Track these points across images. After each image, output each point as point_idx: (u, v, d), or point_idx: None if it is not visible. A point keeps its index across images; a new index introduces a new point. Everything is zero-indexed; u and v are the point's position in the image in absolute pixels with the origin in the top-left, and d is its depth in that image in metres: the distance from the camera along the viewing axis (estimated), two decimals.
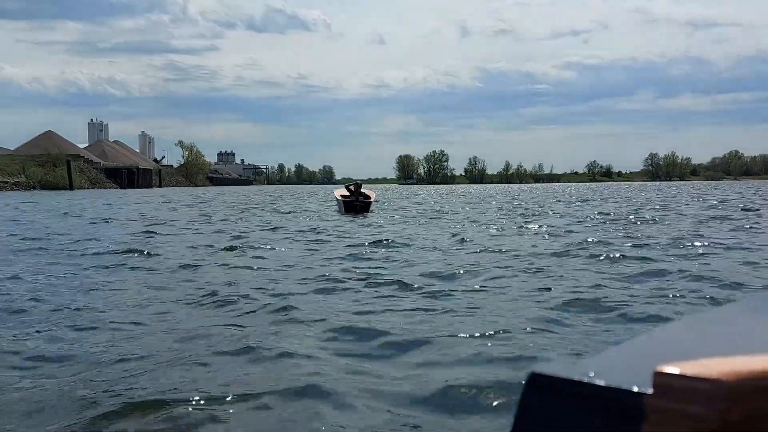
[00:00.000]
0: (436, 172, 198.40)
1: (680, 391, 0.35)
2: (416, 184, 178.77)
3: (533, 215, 17.91)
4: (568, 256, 7.89)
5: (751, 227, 12.11)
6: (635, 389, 0.37)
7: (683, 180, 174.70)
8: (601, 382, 0.39)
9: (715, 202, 25.40)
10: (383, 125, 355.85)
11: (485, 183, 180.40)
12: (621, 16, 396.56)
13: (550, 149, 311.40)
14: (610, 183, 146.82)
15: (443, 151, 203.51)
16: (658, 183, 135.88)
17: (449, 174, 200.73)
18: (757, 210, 18.11)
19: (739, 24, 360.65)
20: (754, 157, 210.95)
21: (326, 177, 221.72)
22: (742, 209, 18.64)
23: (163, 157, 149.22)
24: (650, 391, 0.36)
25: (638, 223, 13.92)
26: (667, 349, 0.46)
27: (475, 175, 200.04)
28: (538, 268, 6.88)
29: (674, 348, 0.47)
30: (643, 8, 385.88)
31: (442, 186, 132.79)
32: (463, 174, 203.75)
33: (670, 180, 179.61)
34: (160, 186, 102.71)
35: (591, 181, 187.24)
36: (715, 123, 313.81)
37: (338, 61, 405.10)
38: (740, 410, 0.35)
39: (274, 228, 13.90)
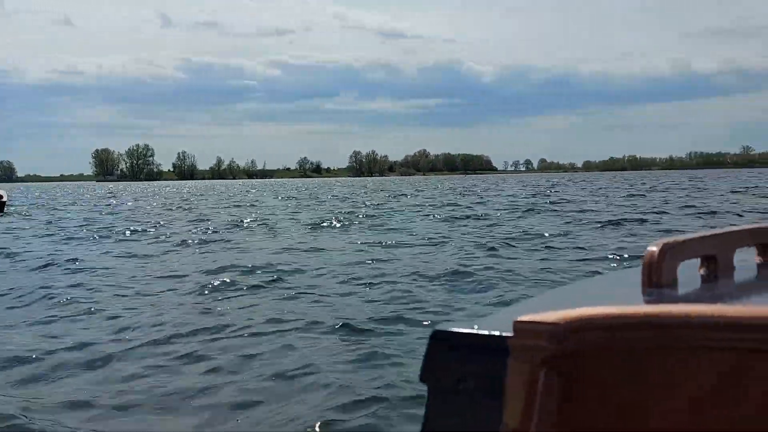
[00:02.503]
0: (140, 168, 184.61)
1: (530, 332, 0.50)
2: (118, 180, 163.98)
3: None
4: None
5: None
6: (502, 334, 0.52)
7: (382, 176, 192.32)
8: (482, 332, 0.54)
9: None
10: (78, 116, 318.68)
11: (196, 179, 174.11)
12: (322, 20, 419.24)
13: (264, 145, 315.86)
14: (316, 179, 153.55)
15: (147, 145, 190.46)
16: (359, 179, 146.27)
17: (155, 170, 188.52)
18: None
19: (422, 37, 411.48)
20: (437, 155, 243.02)
21: (6, 174, 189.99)
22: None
23: None
24: (512, 334, 0.51)
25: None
26: (538, 305, 0.60)
27: (185, 170, 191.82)
28: None
29: (542, 303, 0.62)
30: (341, 15, 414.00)
31: (145, 183, 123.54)
32: (171, 170, 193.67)
33: (372, 176, 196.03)
34: None
35: (303, 177, 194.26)
36: (407, 124, 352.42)
37: (14, 42, 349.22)
38: (571, 343, 0.49)
39: None
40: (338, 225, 13.30)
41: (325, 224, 13.49)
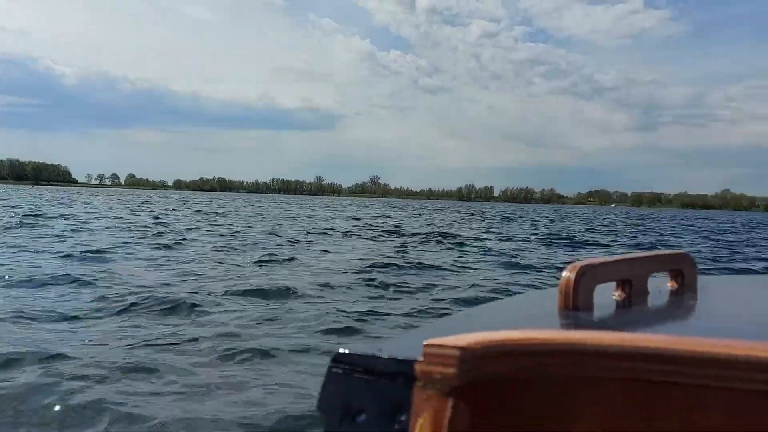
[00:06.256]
0: None
1: (439, 357, 0.45)
2: None
3: None
4: None
5: None
6: (409, 358, 0.47)
7: None
8: (386, 356, 0.49)
9: None
10: None
11: None
12: None
13: None
14: None
15: None
16: None
17: None
18: None
19: None
20: (2, 161, 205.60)
21: None
22: None
23: None
24: (421, 358, 0.47)
25: None
26: (450, 327, 0.58)
27: None
28: None
29: (454, 325, 0.60)
30: None
31: None
32: None
33: None
34: None
35: None
36: None
37: None
38: (481, 369, 0.45)
39: None
40: None
41: None
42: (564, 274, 0.64)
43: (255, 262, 9.23)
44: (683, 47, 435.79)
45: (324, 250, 11.68)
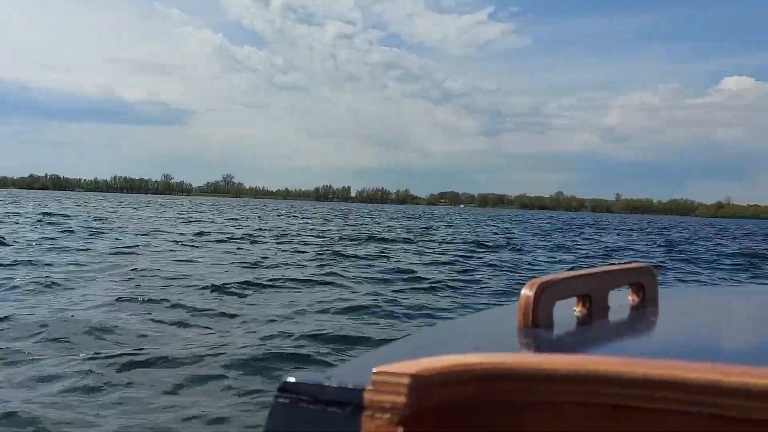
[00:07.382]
0: None
1: (388, 385, 0.44)
2: None
3: None
4: None
5: None
6: (358, 387, 0.46)
7: None
8: (334, 384, 0.47)
9: None
10: None
11: None
12: None
13: None
14: None
15: None
16: None
17: None
18: None
19: None
20: None
21: None
22: None
23: None
24: (369, 387, 0.45)
25: None
26: (403, 350, 0.56)
27: None
28: None
29: (408, 348, 0.58)
30: None
31: None
32: None
33: None
34: None
35: None
36: None
37: None
38: (432, 398, 0.44)
39: None
40: None
41: None
42: (523, 291, 0.62)
43: None
44: (524, 59, 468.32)
45: None
